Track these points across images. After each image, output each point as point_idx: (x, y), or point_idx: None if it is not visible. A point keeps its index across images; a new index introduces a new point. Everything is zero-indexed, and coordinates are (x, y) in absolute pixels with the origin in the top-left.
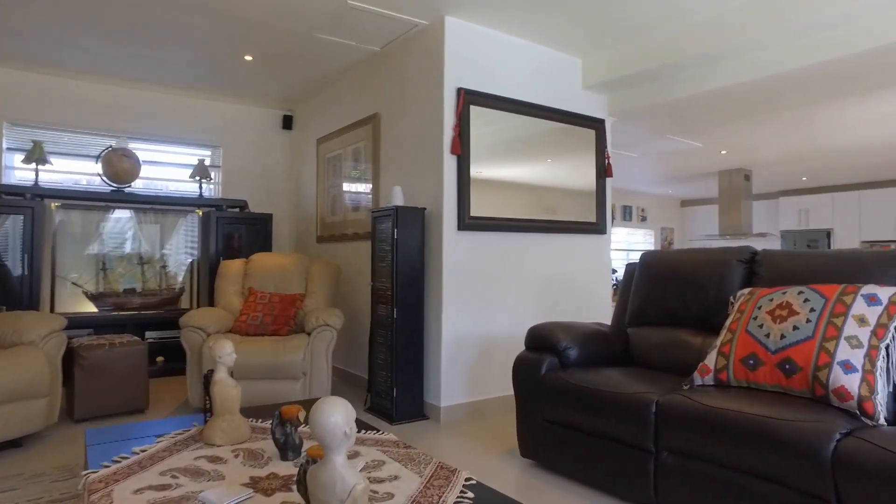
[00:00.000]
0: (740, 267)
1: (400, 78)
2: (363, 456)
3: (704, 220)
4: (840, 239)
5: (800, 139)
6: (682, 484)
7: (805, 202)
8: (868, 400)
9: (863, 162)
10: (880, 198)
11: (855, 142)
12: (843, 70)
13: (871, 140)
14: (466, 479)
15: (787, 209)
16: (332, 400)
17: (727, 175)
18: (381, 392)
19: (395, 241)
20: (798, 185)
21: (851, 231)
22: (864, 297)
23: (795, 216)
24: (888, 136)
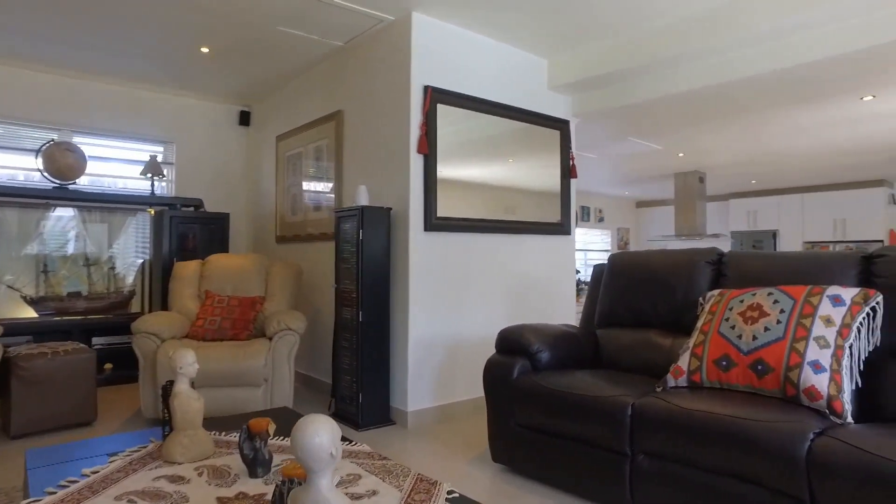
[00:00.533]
0: (708, 268)
1: (365, 74)
2: (337, 470)
3: (659, 221)
4: (785, 239)
5: (752, 143)
6: (658, 486)
7: (753, 204)
8: (837, 399)
9: (808, 166)
10: (821, 201)
11: (801, 147)
12: (795, 78)
13: (815, 145)
14: (448, 491)
15: (737, 210)
16: (315, 418)
17: (683, 177)
18: (345, 397)
19: (360, 242)
20: (747, 188)
21: (795, 232)
22: (830, 297)
23: (744, 217)
24: (831, 141)
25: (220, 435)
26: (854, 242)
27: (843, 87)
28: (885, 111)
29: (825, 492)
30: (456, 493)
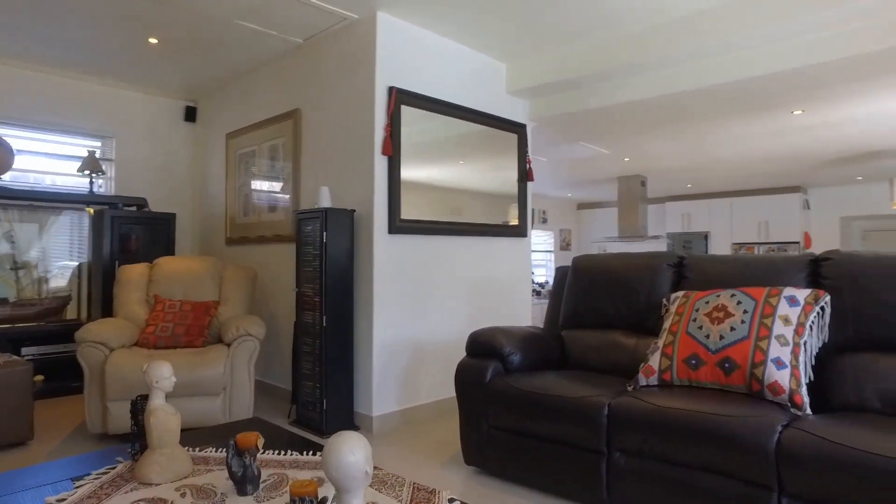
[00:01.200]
0: (669, 271)
1: (325, 73)
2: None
3: (600, 223)
4: (715, 241)
5: (693, 150)
6: (634, 483)
7: (687, 207)
8: (797, 393)
9: (737, 172)
10: (747, 205)
11: (735, 154)
12: (739, 91)
13: (747, 153)
14: (450, 499)
15: (673, 213)
16: (347, 436)
17: (626, 181)
18: (307, 404)
19: (324, 245)
20: (683, 192)
21: (724, 234)
22: (787, 298)
23: (679, 220)
24: (760, 150)
25: (194, 451)
26: (776, 244)
27: (778, 101)
28: (810, 124)
29: (792, 480)
30: (457, 501)
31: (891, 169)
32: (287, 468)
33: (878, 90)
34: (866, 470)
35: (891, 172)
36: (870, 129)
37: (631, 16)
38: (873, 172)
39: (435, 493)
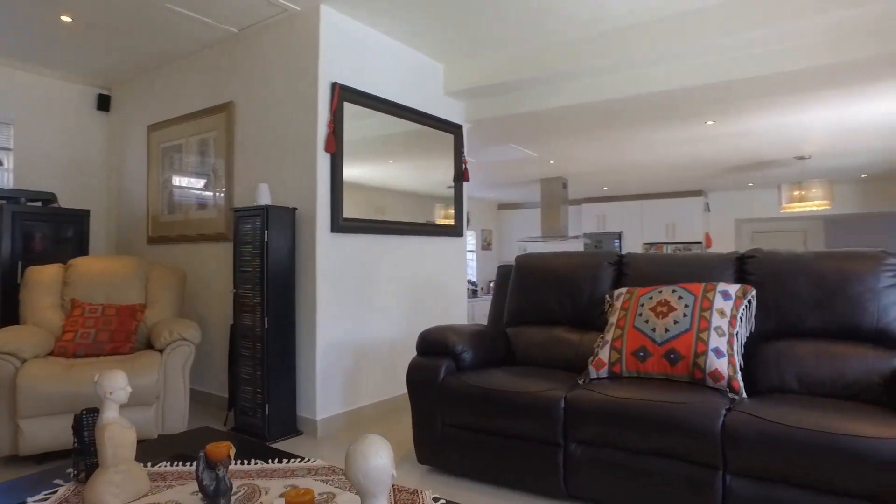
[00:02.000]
0: (610, 269)
1: (263, 65)
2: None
3: (520, 223)
4: (628, 241)
5: (614, 154)
6: (590, 472)
7: (602, 209)
8: (734, 379)
9: (650, 176)
10: (656, 207)
11: (651, 159)
12: (662, 100)
13: (661, 159)
14: (434, 498)
15: (589, 214)
16: (371, 439)
17: (548, 182)
18: (248, 409)
19: (265, 244)
20: (599, 194)
21: (636, 234)
22: (721, 293)
23: (595, 220)
24: (673, 156)
25: (147, 466)
26: (681, 243)
27: (694, 112)
28: (720, 133)
29: (735, 458)
30: (442, 500)
31: (779, 177)
32: (255, 478)
33: (778, 106)
34: (797, 443)
35: (779, 180)
36: (767, 140)
37: (566, 25)
38: (763, 180)
39: (418, 493)
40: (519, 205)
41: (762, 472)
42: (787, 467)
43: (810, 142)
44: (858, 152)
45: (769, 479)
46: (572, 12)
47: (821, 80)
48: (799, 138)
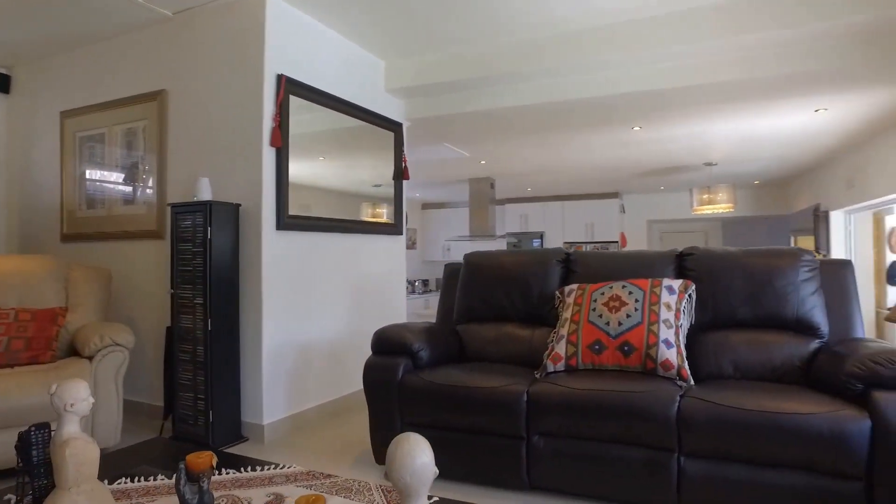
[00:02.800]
0: (559, 266)
1: (202, 53)
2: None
3: (443, 223)
4: (549, 240)
5: (544, 156)
6: (552, 462)
7: (525, 209)
8: (683, 367)
9: (572, 178)
10: (577, 208)
11: (577, 162)
12: (596, 105)
13: (587, 162)
14: (429, 497)
15: (512, 214)
16: (412, 438)
17: (477, 182)
18: (187, 417)
19: (209, 242)
20: (523, 195)
21: (557, 234)
22: (666, 288)
23: (518, 220)
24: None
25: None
26: (599, 243)
27: (625, 117)
28: (643, 139)
29: (689, 440)
30: (436, 498)
31: (688, 181)
32: (231, 488)
33: (694, 115)
34: (744, 423)
35: (688, 184)
36: (681, 146)
37: (511, 28)
38: (673, 183)
39: None
40: (443, 204)
41: (712, 452)
42: (735, 446)
43: (717, 149)
44: (754, 160)
45: (718, 458)
46: (517, 17)
47: (731, 93)
48: (708, 146)
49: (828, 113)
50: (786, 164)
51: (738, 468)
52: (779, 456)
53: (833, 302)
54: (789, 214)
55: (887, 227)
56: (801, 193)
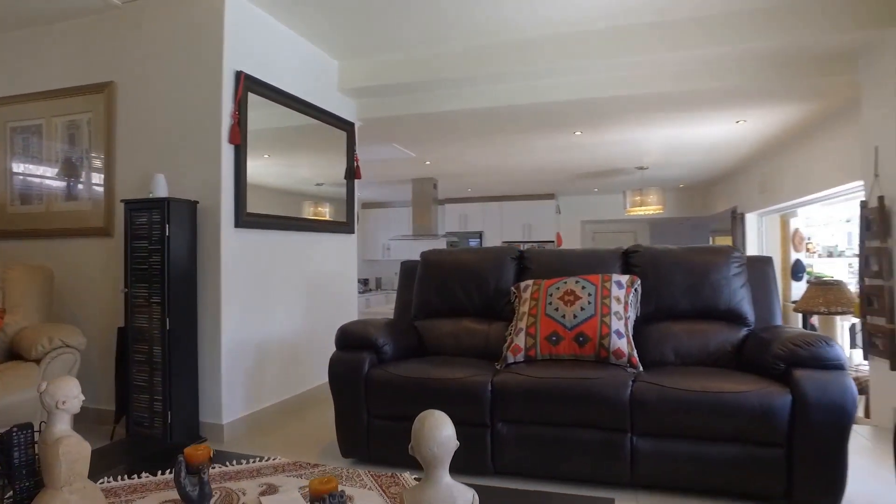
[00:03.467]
0: (513, 263)
1: (155, 46)
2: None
3: (382, 222)
4: (488, 239)
5: (488, 158)
6: (515, 447)
7: (465, 209)
8: (632, 356)
9: (512, 179)
10: (514, 208)
11: (519, 164)
12: (544, 111)
13: (528, 164)
14: (416, 478)
15: (452, 214)
16: (436, 414)
17: (420, 182)
18: (142, 420)
19: (167, 239)
20: (463, 195)
21: (496, 233)
22: (616, 282)
23: (457, 220)
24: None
25: None
26: (536, 242)
27: (567, 123)
28: (584, 143)
29: (641, 420)
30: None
31: (620, 184)
32: (222, 481)
33: (630, 122)
34: (689, 403)
35: (621, 186)
36: (616, 151)
37: (463, 34)
38: (606, 186)
39: (394, 476)
40: (383, 204)
41: (661, 431)
42: (681, 424)
43: (649, 154)
44: (681, 165)
45: (666, 436)
46: (469, 22)
47: (665, 103)
48: (641, 151)
49: (747, 124)
50: (708, 169)
51: (683, 443)
52: (717, 430)
53: (757, 294)
54: (709, 215)
55: (791, 229)
56: (720, 196)
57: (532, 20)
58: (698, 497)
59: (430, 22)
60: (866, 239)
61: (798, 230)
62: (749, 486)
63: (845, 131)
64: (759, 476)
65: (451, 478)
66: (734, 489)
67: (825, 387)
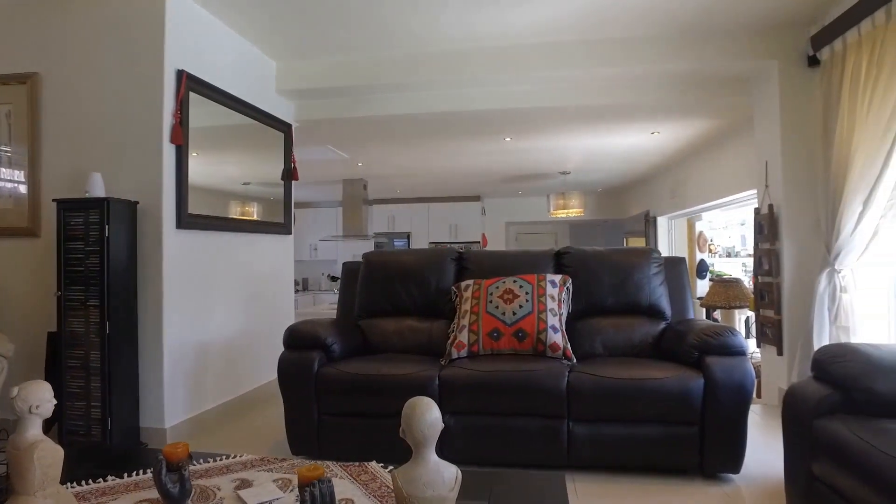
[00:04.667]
0: (453, 264)
1: (86, 39)
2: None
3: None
4: (415, 240)
5: (420, 161)
6: (462, 438)
7: (393, 210)
8: (567, 349)
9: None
10: (441, 210)
11: (449, 167)
12: (476, 118)
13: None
14: (382, 465)
15: (380, 215)
16: (423, 399)
17: (350, 183)
18: (78, 428)
19: (106, 240)
20: (392, 196)
21: (423, 234)
22: (550, 281)
23: (385, 221)
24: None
25: None
26: (462, 243)
27: (497, 129)
28: (511, 149)
29: (577, 407)
30: (391, 466)
31: (544, 187)
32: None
33: (561, 131)
34: (619, 390)
35: (545, 190)
36: (542, 156)
37: (401, 41)
38: (530, 189)
39: (363, 465)
40: (309, 204)
41: (594, 416)
42: (611, 409)
43: (572, 160)
44: (600, 171)
45: (598, 420)
46: (406, 31)
47: (589, 115)
48: (564, 157)
49: (660, 135)
50: (624, 175)
51: (613, 427)
52: (643, 413)
53: (673, 290)
54: (625, 218)
55: (696, 231)
56: (634, 201)
57: (468, 33)
58: (626, 474)
59: (367, 28)
60: (759, 241)
61: (702, 233)
62: (670, 461)
63: (743, 146)
64: (678, 452)
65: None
66: (657, 465)
67: (731, 371)
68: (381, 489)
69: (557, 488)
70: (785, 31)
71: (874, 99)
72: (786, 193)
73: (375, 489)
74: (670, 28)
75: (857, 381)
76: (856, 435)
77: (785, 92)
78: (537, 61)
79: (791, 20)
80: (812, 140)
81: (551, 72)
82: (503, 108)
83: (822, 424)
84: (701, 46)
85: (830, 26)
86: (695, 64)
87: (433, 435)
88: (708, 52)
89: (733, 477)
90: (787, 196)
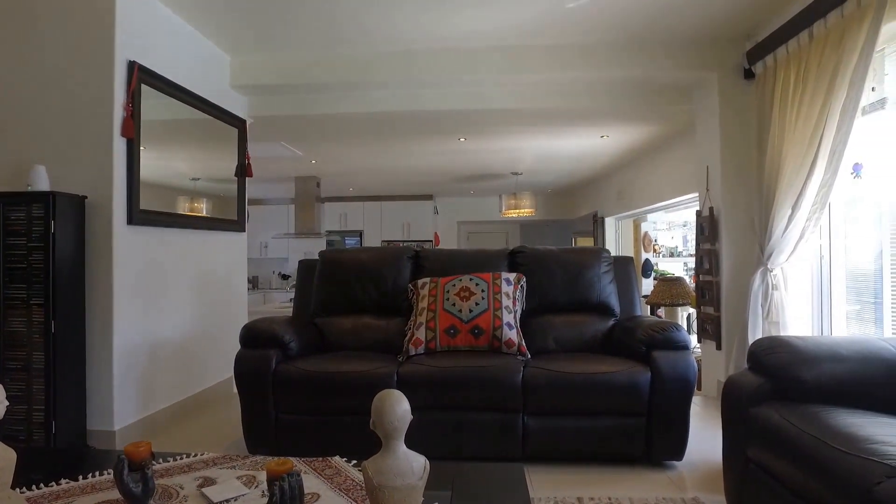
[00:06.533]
0: (409, 262)
1: (30, 24)
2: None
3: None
4: (368, 238)
5: (373, 160)
6: (421, 432)
7: (345, 208)
8: (521, 345)
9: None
10: (394, 208)
11: (403, 166)
12: (430, 118)
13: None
14: (346, 460)
15: (332, 212)
16: (393, 392)
17: (303, 181)
18: (17, 434)
19: (52, 236)
20: (345, 194)
21: (375, 232)
22: (505, 280)
23: (338, 219)
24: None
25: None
26: (415, 241)
27: (452, 129)
28: (464, 149)
29: (532, 400)
30: (354, 460)
31: (496, 187)
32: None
33: (514, 132)
34: (572, 384)
35: (496, 190)
36: (495, 157)
37: (357, 39)
38: (482, 189)
39: (326, 460)
40: (260, 201)
41: (548, 409)
42: (564, 402)
43: (523, 161)
44: (550, 172)
45: (552, 413)
46: (362, 29)
47: (543, 117)
48: (517, 158)
49: (609, 139)
50: (574, 176)
51: (566, 419)
52: (594, 405)
53: (621, 288)
54: (574, 218)
55: (642, 232)
56: (583, 201)
57: (426, 34)
58: (578, 464)
59: (321, 25)
60: (700, 242)
61: (647, 233)
62: (619, 450)
63: (686, 151)
64: (626, 441)
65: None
66: (607, 455)
67: (675, 364)
68: (346, 483)
69: (517, 478)
70: (724, 46)
71: (800, 112)
72: (724, 197)
73: (340, 483)
74: (620, 36)
75: (786, 371)
76: (785, 420)
77: (724, 101)
78: (497, 64)
79: (729, 35)
80: (748, 147)
81: (510, 75)
82: (459, 109)
83: (756, 411)
84: (648, 56)
85: (763, 43)
86: (643, 71)
87: (402, 427)
88: (655, 61)
89: (677, 464)
90: (726, 199)
